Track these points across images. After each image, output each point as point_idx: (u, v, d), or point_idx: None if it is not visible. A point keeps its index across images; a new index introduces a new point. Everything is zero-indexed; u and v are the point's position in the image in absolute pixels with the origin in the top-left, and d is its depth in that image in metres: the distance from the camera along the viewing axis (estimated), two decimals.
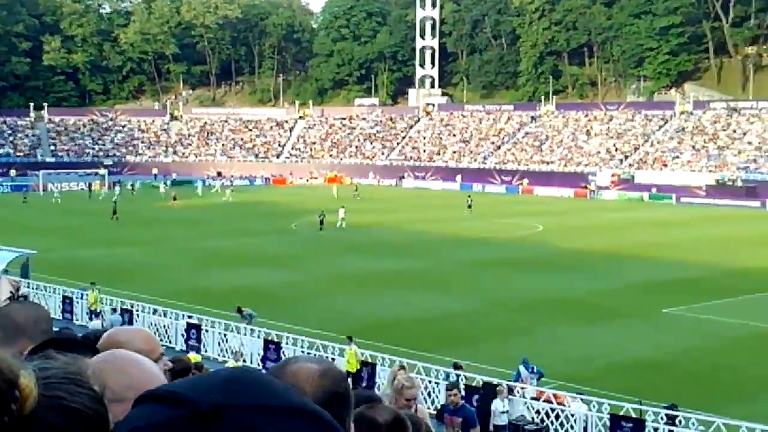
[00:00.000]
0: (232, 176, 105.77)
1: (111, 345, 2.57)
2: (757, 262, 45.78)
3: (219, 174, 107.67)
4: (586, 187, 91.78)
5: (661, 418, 20.47)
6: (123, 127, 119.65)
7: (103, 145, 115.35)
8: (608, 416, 20.93)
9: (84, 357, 2.50)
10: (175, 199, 75.64)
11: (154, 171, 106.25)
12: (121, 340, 2.67)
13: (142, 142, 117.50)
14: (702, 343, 29.92)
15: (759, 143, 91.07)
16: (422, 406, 8.01)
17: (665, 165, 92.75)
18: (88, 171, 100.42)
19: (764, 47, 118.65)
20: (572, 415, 21.31)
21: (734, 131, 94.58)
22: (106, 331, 3.00)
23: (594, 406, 21.40)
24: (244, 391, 0.93)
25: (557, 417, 21.34)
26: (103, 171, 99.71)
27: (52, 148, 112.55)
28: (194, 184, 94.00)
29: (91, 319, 31.01)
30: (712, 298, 36.41)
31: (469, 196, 75.66)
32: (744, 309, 34.83)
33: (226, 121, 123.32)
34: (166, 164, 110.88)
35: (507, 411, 20.83)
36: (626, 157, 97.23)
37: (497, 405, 20.75)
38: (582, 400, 22.00)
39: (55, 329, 3.16)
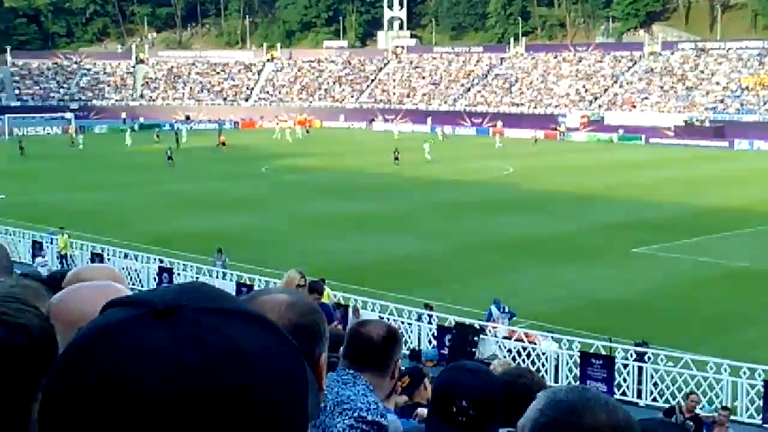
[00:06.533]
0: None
1: (75, 283, 2.49)
2: (725, 201, 46.13)
3: (187, 117, 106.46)
4: (556, 129, 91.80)
5: (631, 355, 20.70)
6: (88, 70, 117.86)
7: (69, 89, 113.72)
8: (578, 354, 21.15)
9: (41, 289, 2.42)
10: (224, 144, 74.45)
11: (123, 115, 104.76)
12: (85, 278, 2.58)
13: (108, 86, 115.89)
14: (671, 281, 30.21)
15: (726, 83, 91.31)
16: None
17: (634, 106, 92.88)
18: (54, 115, 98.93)
19: None
20: (543, 354, 21.51)
21: (702, 72, 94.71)
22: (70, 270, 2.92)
23: (564, 345, 21.60)
24: (198, 295, 1.04)
25: (528, 355, 21.54)
26: (69, 115, 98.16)
27: (17, 92, 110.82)
28: (162, 128, 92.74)
29: (61, 263, 30.75)
30: (681, 238, 36.70)
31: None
32: (712, 248, 35.17)
33: (193, 65, 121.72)
34: (133, 108, 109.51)
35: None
36: (595, 98, 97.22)
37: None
38: (552, 338, 22.20)
39: (22, 272, 3.08)
